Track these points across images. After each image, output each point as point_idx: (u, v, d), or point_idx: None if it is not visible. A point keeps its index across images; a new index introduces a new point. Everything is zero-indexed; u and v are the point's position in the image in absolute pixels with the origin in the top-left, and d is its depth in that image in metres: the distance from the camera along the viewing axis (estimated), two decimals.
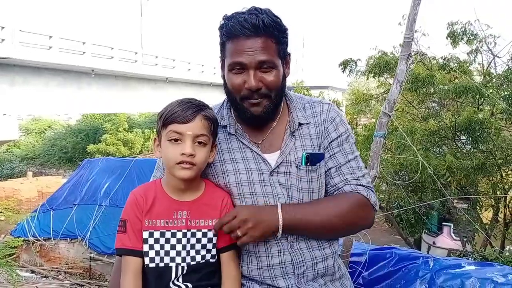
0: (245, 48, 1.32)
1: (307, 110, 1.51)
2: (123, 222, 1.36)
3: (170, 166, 1.31)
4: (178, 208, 1.35)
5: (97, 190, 9.56)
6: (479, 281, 2.42)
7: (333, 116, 1.51)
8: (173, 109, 1.31)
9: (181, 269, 1.33)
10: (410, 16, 2.81)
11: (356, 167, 1.49)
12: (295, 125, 1.46)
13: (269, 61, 1.33)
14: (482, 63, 8.10)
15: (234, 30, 1.31)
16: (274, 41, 1.34)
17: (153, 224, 1.34)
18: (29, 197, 16.71)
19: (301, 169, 1.43)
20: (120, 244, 1.34)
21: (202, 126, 1.30)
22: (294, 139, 1.46)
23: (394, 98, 2.73)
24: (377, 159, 2.68)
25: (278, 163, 1.43)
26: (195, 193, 1.38)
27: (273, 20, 1.33)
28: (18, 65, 16.31)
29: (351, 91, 22.18)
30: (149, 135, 25.58)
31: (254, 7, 1.34)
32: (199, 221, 1.36)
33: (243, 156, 1.44)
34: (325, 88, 32.49)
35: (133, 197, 1.37)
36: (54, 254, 9.41)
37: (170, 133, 1.29)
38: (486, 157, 6.64)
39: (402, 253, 2.80)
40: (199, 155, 1.30)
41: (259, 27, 1.30)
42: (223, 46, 1.39)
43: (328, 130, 1.49)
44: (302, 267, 1.42)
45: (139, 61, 21.91)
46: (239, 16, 1.33)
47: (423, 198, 7.62)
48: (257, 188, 1.41)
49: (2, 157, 25.64)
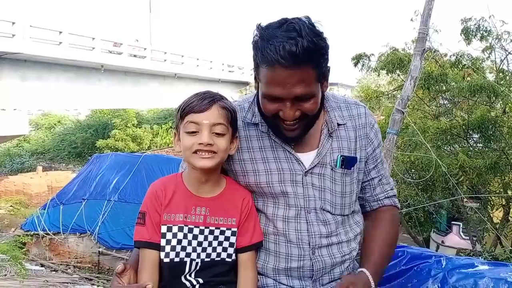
0: (282, 80, 1.20)
1: (344, 111, 1.47)
2: (142, 215, 1.34)
3: (188, 156, 1.29)
4: (197, 203, 1.33)
5: (106, 185, 9.61)
6: (493, 281, 2.37)
7: (372, 121, 1.50)
8: (189, 100, 1.29)
9: (195, 265, 1.32)
10: (425, 11, 2.77)
11: (387, 176, 1.57)
12: (334, 125, 1.42)
13: (307, 93, 1.24)
14: (495, 60, 7.98)
15: (271, 58, 1.18)
16: (314, 67, 1.22)
17: (171, 218, 1.32)
18: (38, 192, 16.88)
19: (336, 171, 1.40)
20: (139, 236, 1.33)
21: (219, 114, 1.27)
22: (331, 140, 1.41)
23: (408, 95, 2.69)
24: (390, 156, 2.65)
25: (314, 164, 1.39)
26: (216, 189, 1.36)
27: (313, 42, 1.17)
28: (28, 61, 16.43)
29: (360, 88, 22.03)
30: (158, 131, 25.68)
31: (293, 24, 1.18)
32: (218, 218, 1.34)
33: (275, 156, 1.39)
34: (334, 85, 32.35)
35: (153, 189, 1.36)
36: (63, 248, 9.49)
37: (187, 124, 1.27)
38: (498, 156, 6.54)
39: (414, 251, 2.75)
40: (219, 144, 1.27)
41: (298, 57, 1.16)
42: (257, 67, 1.26)
43: (370, 137, 1.48)
44: (321, 273, 1.40)
45: (148, 57, 21.98)
46: (277, 41, 1.16)
47: (433, 196, 7.55)
48: (289, 188, 1.38)
49: (12, 152, 25.93)
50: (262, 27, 1.22)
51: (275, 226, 1.39)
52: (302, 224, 1.38)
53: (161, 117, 27.45)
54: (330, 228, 1.40)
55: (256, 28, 1.23)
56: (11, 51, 14.92)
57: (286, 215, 1.38)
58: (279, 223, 1.38)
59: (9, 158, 25.12)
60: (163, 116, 27.47)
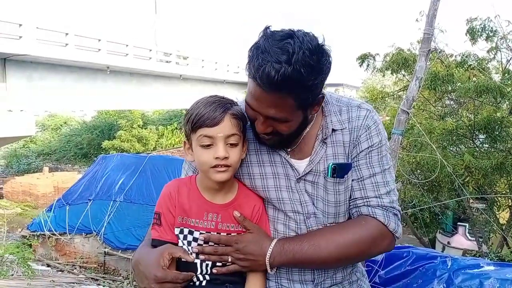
0: (257, 96, 1.17)
1: (343, 114, 1.37)
2: (158, 215, 1.35)
3: (204, 170, 1.29)
4: (210, 209, 1.34)
5: (112, 186, 9.66)
6: (499, 281, 2.36)
7: (369, 124, 1.36)
8: (200, 112, 1.25)
9: (205, 266, 1.33)
10: (430, 12, 2.77)
11: (382, 182, 1.35)
12: (328, 131, 1.34)
13: (280, 118, 1.19)
14: (501, 60, 7.94)
15: (252, 72, 1.14)
16: (292, 96, 1.14)
17: (184, 221, 1.34)
18: (45, 192, 17.00)
19: (328, 181, 1.33)
20: (158, 236, 1.34)
21: (232, 125, 1.25)
22: (326, 147, 1.34)
23: (413, 95, 2.69)
24: (395, 157, 2.65)
25: (306, 171, 1.34)
26: (228, 195, 1.36)
27: (299, 72, 1.09)
28: (35, 62, 16.53)
29: (365, 88, 21.97)
30: (163, 132, 25.75)
31: (290, 46, 1.10)
32: (229, 225, 1.35)
33: (270, 160, 1.36)
34: (339, 86, 32.28)
35: (167, 191, 1.36)
36: (69, 248, 9.54)
37: (201, 138, 1.25)
38: (504, 156, 6.51)
39: (420, 252, 2.75)
40: (233, 156, 1.26)
41: (275, 83, 1.09)
42: (246, 69, 1.20)
43: (360, 139, 1.35)
44: (322, 277, 1.39)
45: (153, 58, 22.03)
46: (265, 58, 1.11)
47: (439, 197, 7.52)
48: (284, 194, 1.35)
49: (19, 153, 26.12)
50: (267, 34, 1.16)
51: (275, 228, 1.38)
52: (302, 226, 1.36)
53: (167, 118, 27.53)
54: None
55: (263, 31, 1.18)
56: (18, 53, 15.02)
57: (286, 219, 1.38)
58: (279, 225, 1.38)
59: (16, 159, 25.32)
60: (168, 117, 27.55)
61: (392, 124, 3.33)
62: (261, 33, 1.18)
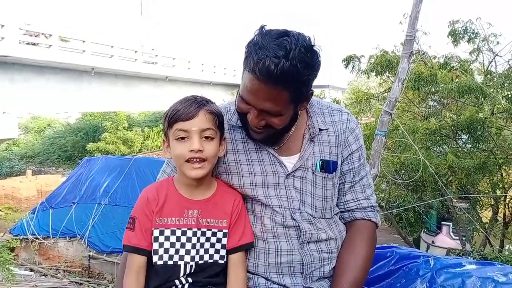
0: (254, 90, 1.22)
1: (326, 117, 1.48)
2: (132, 220, 1.36)
3: (180, 165, 1.31)
4: (189, 206, 1.35)
5: (97, 189, 9.56)
6: (480, 280, 2.38)
7: (353, 127, 1.50)
8: (176, 108, 1.30)
9: (189, 268, 1.33)
10: (412, 14, 2.80)
11: (367, 185, 1.51)
12: (315, 130, 1.44)
13: (274, 111, 1.26)
14: (483, 62, 8.07)
15: (251, 66, 1.19)
16: (288, 90, 1.21)
17: (164, 222, 1.34)
18: (28, 196, 16.71)
19: (317, 175, 1.42)
20: (127, 241, 1.35)
21: (206, 120, 1.29)
22: (313, 145, 1.44)
23: (396, 97, 2.72)
24: (378, 157, 2.67)
25: (296, 167, 1.41)
26: (207, 191, 1.38)
27: (296, 67, 1.16)
28: (18, 63, 16.29)
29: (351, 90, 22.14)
30: (149, 133, 25.58)
31: (287, 42, 1.16)
32: (209, 220, 1.36)
33: (259, 158, 1.42)
34: (325, 87, 32.45)
35: (145, 195, 1.37)
36: (53, 252, 9.40)
37: (176, 131, 1.29)
38: (487, 156, 6.62)
39: (403, 252, 2.76)
40: (208, 149, 1.29)
41: (274, 76, 1.16)
42: (243, 66, 1.26)
43: (349, 141, 1.48)
44: (310, 268, 1.41)
45: (139, 60, 21.91)
46: (263, 53, 1.16)
47: (423, 197, 7.61)
48: (271, 191, 1.41)
49: (1, 156, 25.66)
50: (263, 32, 1.22)
51: (263, 223, 1.41)
52: (288, 221, 1.40)
53: (152, 120, 27.37)
54: (316, 226, 1.43)
55: (259, 29, 1.24)
56: (0, 54, 14.79)
57: (273, 214, 1.41)
58: (266, 220, 1.41)
59: None
60: (154, 119, 27.38)
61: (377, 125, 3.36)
62: (256, 31, 1.24)
